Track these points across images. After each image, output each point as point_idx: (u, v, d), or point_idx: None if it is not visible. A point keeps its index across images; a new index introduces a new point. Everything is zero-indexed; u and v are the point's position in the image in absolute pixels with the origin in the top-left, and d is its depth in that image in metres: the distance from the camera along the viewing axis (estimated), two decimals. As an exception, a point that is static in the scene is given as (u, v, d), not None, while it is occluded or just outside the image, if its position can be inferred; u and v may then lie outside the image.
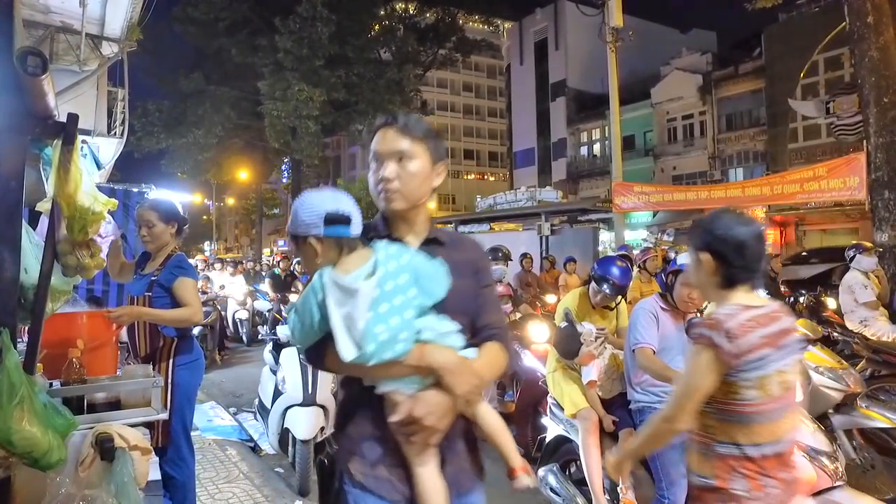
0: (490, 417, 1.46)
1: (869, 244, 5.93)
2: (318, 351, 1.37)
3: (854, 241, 6.03)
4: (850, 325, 5.18)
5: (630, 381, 2.93)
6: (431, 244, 1.49)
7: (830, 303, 6.06)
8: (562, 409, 3.27)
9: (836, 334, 5.04)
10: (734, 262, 1.60)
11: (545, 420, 3.60)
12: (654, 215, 19.88)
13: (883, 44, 7.59)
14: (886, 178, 7.54)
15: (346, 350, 1.25)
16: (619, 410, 3.06)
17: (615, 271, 3.27)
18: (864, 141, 7.93)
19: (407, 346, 1.30)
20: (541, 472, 3.40)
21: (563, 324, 3.24)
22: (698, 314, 2.87)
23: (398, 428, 1.30)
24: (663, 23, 32.22)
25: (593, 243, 13.35)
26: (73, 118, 1.90)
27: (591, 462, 2.99)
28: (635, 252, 8.15)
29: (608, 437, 3.08)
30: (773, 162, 21.21)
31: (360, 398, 1.39)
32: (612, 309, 3.46)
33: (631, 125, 26.47)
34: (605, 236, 17.46)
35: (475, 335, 1.46)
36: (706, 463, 1.58)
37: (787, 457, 1.58)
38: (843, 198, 9.43)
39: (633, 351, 2.76)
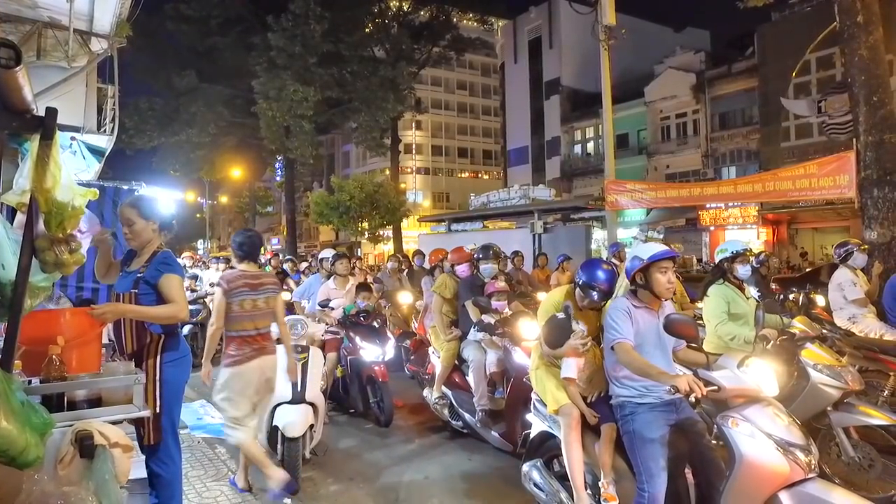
0: None
1: (855, 240, 5.97)
2: None
3: (841, 240, 6.07)
4: (838, 322, 5.20)
5: (610, 377, 2.98)
6: None
7: (819, 300, 6.08)
8: (545, 405, 3.28)
9: (825, 331, 5.06)
10: (239, 253, 3.82)
11: (529, 416, 3.60)
12: (648, 213, 19.98)
13: (872, 43, 7.60)
14: (875, 177, 7.56)
15: None
16: (600, 406, 3.08)
17: (601, 276, 3.23)
18: (854, 139, 7.97)
19: None
20: (524, 467, 3.42)
21: (560, 315, 3.20)
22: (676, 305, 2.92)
23: None
24: (657, 21, 32.31)
25: (586, 241, 13.37)
26: (51, 112, 1.88)
27: (573, 457, 3.01)
28: (627, 251, 8.07)
29: (590, 431, 3.09)
30: (765, 160, 21.30)
31: None
32: (598, 310, 3.43)
33: (625, 123, 26.53)
34: (599, 234, 17.48)
35: None
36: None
37: (252, 338, 3.66)
38: (833, 196, 9.46)
39: (612, 347, 2.81)
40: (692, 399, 2.42)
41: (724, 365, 2.86)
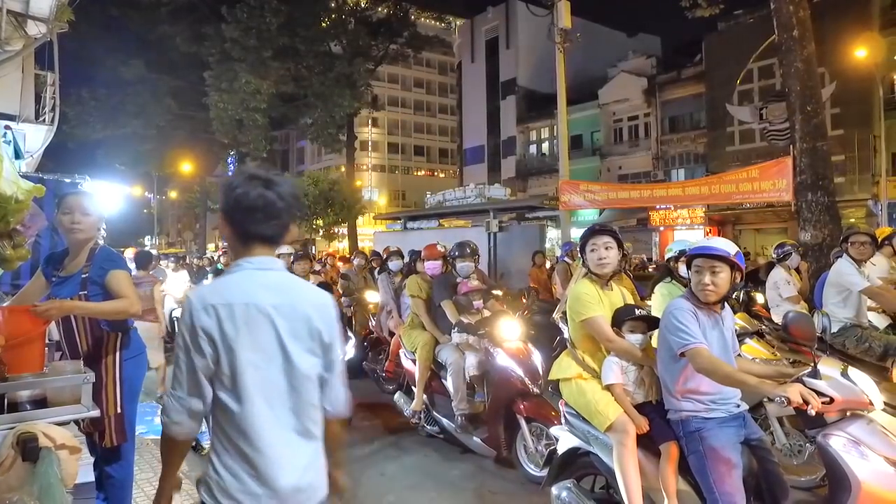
0: None
1: (791, 241, 6.37)
2: None
3: (780, 241, 6.43)
4: (775, 319, 5.51)
5: (669, 389, 2.61)
6: None
7: (759, 298, 6.41)
8: (582, 419, 2.92)
9: (763, 327, 5.34)
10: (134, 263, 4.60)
11: (554, 430, 3.27)
12: (601, 213, 20.50)
13: (807, 56, 8.08)
14: (810, 181, 8.03)
15: None
16: (656, 422, 2.69)
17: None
18: (792, 146, 8.43)
19: None
20: (553, 490, 3.01)
21: (639, 311, 2.99)
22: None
23: None
24: (611, 26, 33.12)
25: (540, 240, 13.61)
26: (-8, 102, 1.81)
27: (631, 481, 2.61)
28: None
29: (643, 450, 2.71)
30: (712, 163, 22.19)
31: None
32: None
33: (579, 125, 27.12)
34: (553, 233, 17.81)
35: None
36: None
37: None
38: (773, 199, 9.98)
39: (684, 354, 2.42)
40: (811, 411, 2.11)
41: (826, 373, 2.52)
